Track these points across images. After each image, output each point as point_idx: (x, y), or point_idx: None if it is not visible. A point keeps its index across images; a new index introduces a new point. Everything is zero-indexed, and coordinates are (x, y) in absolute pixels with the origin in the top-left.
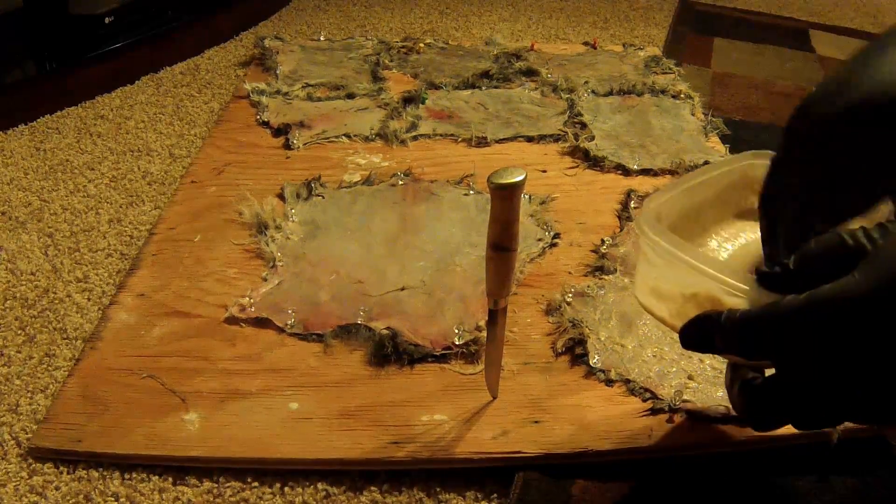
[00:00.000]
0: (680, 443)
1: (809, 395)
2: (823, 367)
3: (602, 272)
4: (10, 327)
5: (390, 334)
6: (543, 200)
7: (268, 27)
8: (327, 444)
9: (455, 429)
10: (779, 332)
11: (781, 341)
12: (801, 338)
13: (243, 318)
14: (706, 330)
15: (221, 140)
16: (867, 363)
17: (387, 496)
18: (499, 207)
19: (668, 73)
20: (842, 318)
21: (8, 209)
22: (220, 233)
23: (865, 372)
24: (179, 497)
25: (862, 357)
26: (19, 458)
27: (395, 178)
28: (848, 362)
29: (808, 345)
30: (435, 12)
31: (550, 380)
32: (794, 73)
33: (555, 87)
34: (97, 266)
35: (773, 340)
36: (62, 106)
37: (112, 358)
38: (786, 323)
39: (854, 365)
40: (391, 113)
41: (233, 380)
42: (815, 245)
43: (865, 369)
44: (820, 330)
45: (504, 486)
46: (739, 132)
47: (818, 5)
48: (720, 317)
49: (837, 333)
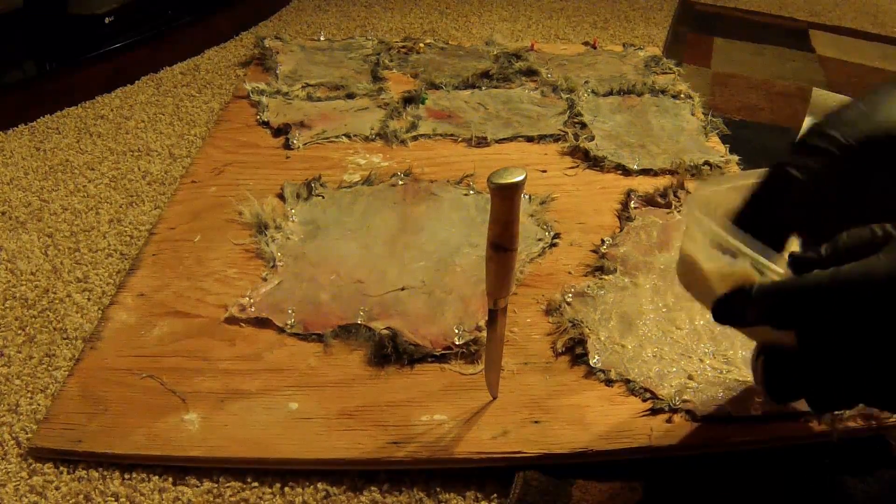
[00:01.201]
0: (680, 443)
1: (827, 369)
2: (842, 341)
3: (602, 272)
4: (10, 327)
5: (390, 334)
6: (543, 200)
7: (268, 27)
8: (327, 444)
9: (455, 429)
10: (804, 303)
11: (806, 311)
12: (823, 309)
13: (243, 318)
14: (738, 301)
15: (221, 140)
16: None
17: (387, 496)
18: (499, 207)
19: (668, 73)
20: (863, 292)
21: (8, 209)
22: (220, 233)
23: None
24: (179, 497)
25: (879, 334)
26: (19, 458)
27: (395, 178)
28: (865, 337)
29: (830, 317)
30: (435, 12)
31: (550, 380)
32: (794, 73)
33: (555, 87)
34: (97, 266)
35: (798, 310)
36: (62, 106)
37: (112, 358)
38: (811, 294)
39: (871, 341)
40: (391, 113)
41: (233, 380)
42: (846, 236)
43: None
44: (842, 303)
45: (504, 486)
46: (739, 132)
47: (818, 5)
48: (752, 289)
49: (858, 307)
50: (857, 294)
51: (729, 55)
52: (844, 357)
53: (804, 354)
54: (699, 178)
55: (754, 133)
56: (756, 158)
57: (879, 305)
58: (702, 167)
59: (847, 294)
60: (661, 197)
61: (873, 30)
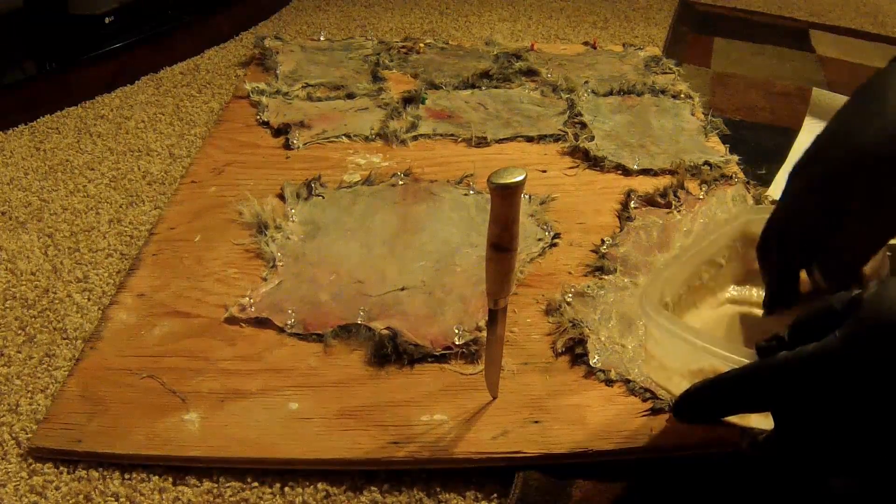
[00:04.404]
0: (680, 443)
1: (804, 444)
2: (812, 416)
3: (602, 272)
4: (10, 327)
5: (390, 334)
6: (543, 200)
7: (268, 27)
8: (327, 444)
9: (455, 429)
10: (770, 386)
11: (773, 394)
12: (789, 389)
13: (243, 318)
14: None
15: (221, 140)
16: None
17: (387, 496)
18: (499, 207)
19: (668, 73)
20: (823, 371)
21: (8, 209)
22: (220, 233)
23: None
24: (179, 497)
25: (843, 407)
26: (19, 458)
27: (395, 178)
28: (832, 411)
29: (796, 395)
30: (435, 12)
31: (550, 380)
32: (794, 73)
33: (555, 87)
34: (97, 266)
35: (766, 393)
36: (62, 106)
37: (112, 358)
38: (775, 377)
39: (837, 414)
40: (391, 113)
41: (233, 380)
42: (806, 314)
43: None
44: (805, 382)
45: (504, 486)
46: (739, 132)
47: (818, 5)
48: (717, 379)
49: (820, 385)
50: (817, 372)
51: (729, 55)
52: (819, 431)
53: (782, 433)
54: (699, 178)
55: (754, 133)
56: (756, 158)
57: (839, 380)
58: (702, 167)
59: (807, 373)
60: (661, 197)
61: (873, 30)
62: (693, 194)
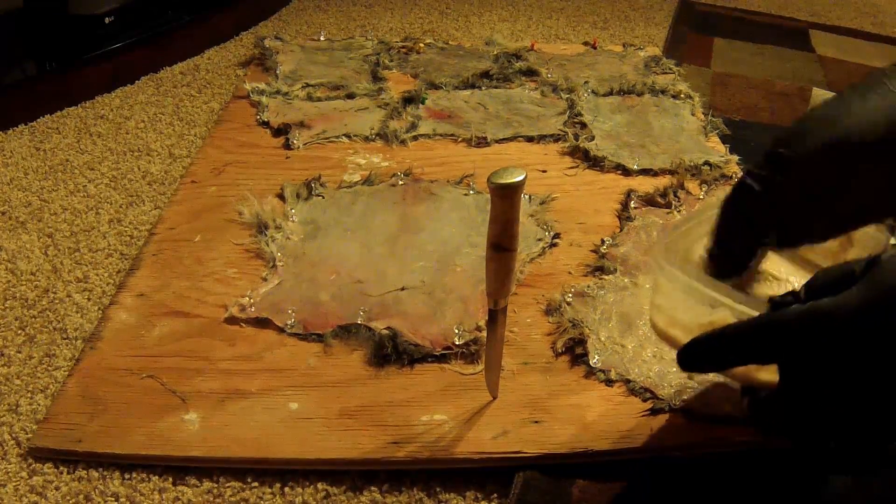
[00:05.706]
0: (680, 443)
1: (807, 404)
2: (821, 375)
3: (602, 272)
4: (10, 327)
5: (390, 334)
6: (543, 200)
7: (268, 27)
8: (327, 444)
9: (455, 429)
10: (782, 337)
11: (784, 346)
12: (800, 343)
13: (243, 318)
14: (716, 343)
15: (221, 140)
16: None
17: (387, 496)
18: (499, 207)
19: (668, 73)
20: (836, 325)
21: (8, 209)
22: (220, 233)
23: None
24: (179, 497)
25: (853, 366)
26: (19, 458)
27: (395, 178)
28: (841, 370)
29: (807, 350)
30: (435, 12)
31: (550, 380)
32: (794, 73)
33: (555, 87)
34: (97, 266)
35: (777, 345)
36: (62, 106)
37: (112, 358)
38: (788, 328)
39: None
40: (391, 113)
41: (233, 380)
42: (822, 273)
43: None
44: (817, 336)
45: (504, 486)
46: (739, 132)
47: (818, 5)
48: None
49: (832, 340)
50: (831, 326)
51: (729, 55)
52: (824, 391)
53: (786, 391)
54: (699, 178)
55: (754, 133)
56: (756, 158)
57: (851, 337)
58: (702, 167)
59: (821, 326)
60: (661, 197)
61: (873, 30)
62: (693, 194)
